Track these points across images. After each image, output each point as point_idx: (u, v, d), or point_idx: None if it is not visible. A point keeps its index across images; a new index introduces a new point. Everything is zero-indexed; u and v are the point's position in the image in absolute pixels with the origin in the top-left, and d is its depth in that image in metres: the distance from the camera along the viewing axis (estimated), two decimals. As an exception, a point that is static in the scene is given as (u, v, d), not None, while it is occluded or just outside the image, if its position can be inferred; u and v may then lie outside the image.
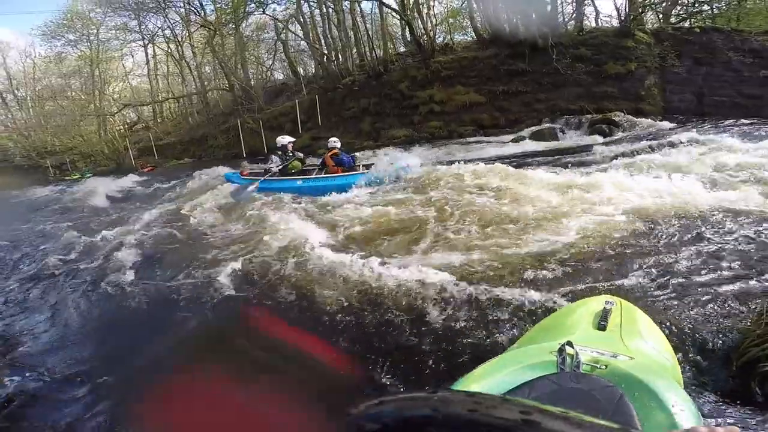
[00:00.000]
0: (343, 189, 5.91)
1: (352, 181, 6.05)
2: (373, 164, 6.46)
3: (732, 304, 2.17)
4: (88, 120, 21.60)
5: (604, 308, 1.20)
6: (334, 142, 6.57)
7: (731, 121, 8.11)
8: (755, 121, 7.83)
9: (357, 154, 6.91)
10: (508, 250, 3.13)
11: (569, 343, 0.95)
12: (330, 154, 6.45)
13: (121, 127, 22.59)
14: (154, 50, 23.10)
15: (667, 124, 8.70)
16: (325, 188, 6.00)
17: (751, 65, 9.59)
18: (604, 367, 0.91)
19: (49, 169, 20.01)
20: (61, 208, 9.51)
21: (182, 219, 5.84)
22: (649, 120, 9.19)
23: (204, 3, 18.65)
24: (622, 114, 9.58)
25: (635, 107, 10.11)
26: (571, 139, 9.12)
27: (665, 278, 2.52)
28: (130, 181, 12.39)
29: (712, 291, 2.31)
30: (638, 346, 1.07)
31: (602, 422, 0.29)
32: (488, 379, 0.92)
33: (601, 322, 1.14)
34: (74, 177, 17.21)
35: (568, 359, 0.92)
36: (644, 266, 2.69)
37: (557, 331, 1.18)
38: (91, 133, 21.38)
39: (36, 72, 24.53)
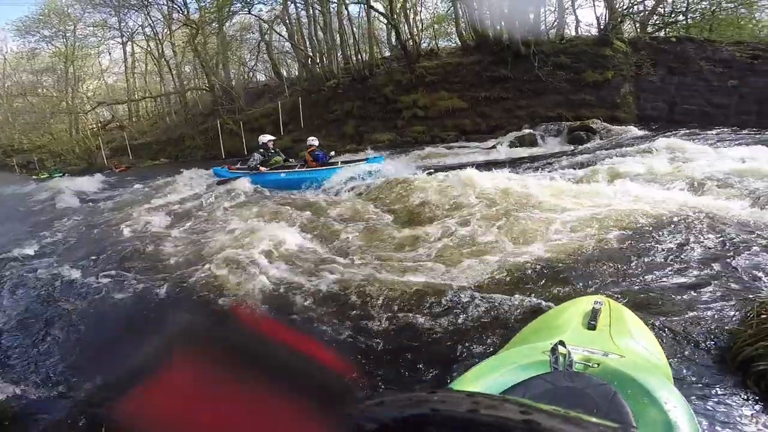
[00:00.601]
0: (320, 181, 6.53)
1: (329, 174, 6.62)
2: (349, 162, 7.12)
3: (717, 306, 2.17)
4: (59, 118, 20.73)
5: (593, 308, 1.20)
6: (312, 140, 7.29)
7: (699, 129, 8.38)
8: (722, 129, 8.11)
9: (332, 153, 7.53)
10: (495, 255, 3.14)
11: (561, 343, 0.95)
12: (309, 150, 7.15)
13: (94, 125, 21.77)
14: (132, 48, 22.48)
15: (641, 132, 8.92)
16: (305, 180, 6.65)
17: (720, 75, 9.97)
18: (596, 365, 0.91)
19: (15, 168, 19.07)
20: (28, 208, 9.00)
21: (160, 218, 5.66)
22: (624, 127, 9.41)
23: (188, 1, 18.28)
24: (599, 121, 9.78)
25: (611, 115, 10.35)
26: (550, 145, 9.25)
27: (650, 281, 2.53)
28: (101, 181, 11.89)
29: (697, 293, 2.32)
30: (628, 345, 1.08)
31: (601, 422, 0.29)
32: (483, 380, 0.92)
33: (591, 321, 1.15)
34: (42, 176, 16.40)
35: (561, 358, 0.92)
36: (628, 270, 2.70)
37: (548, 331, 1.19)
38: (61, 132, 20.53)
39: (6, 68, 23.50)
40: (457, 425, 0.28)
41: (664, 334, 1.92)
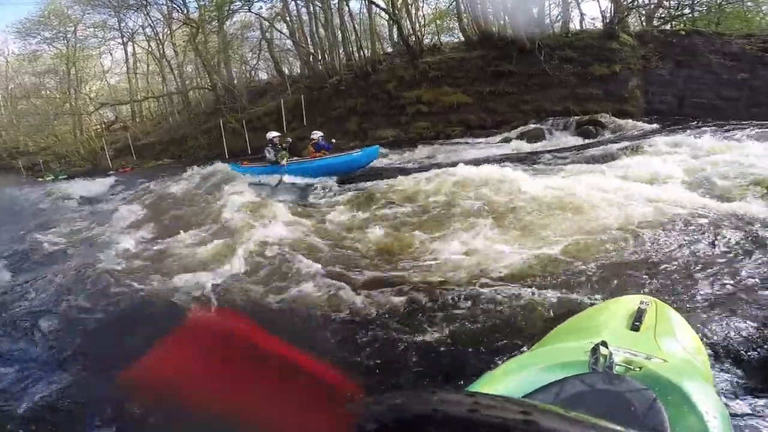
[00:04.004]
0: (319, 170, 7.10)
1: (327, 163, 7.18)
2: (344, 152, 7.79)
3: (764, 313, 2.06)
4: (63, 119, 20.83)
5: (639, 308, 1.14)
6: (314, 134, 7.92)
7: (711, 123, 8.22)
8: (735, 123, 7.95)
9: (333, 141, 8.19)
10: (517, 252, 3.02)
11: (604, 343, 0.90)
12: (311, 143, 7.76)
13: (98, 126, 21.85)
14: (134, 48, 22.47)
15: (651, 126, 8.79)
16: (306, 169, 7.18)
17: (730, 68, 9.81)
18: (638, 369, 0.87)
19: (21, 170, 19.18)
20: (33, 210, 9.05)
21: (160, 220, 5.60)
22: (633, 121, 9.27)
23: (187, 0, 18.21)
24: (608, 115, 9.66)
25: (619, 108, 10.22)
26: (559, 139, 9.13)
27: (692, 283, 2.39)
28: (105, 182, 11.90)
29: (744, 298, 2.19)
30: (672, 349, 1.03)
31: (604, 423, 0.29)
32: (514, 377, 0.89)
33: (635, 322, 1.09)
34: (47, 178, 16.51)
35: (601, 359, 0.87)
36: (668, 270, 2.56)
37: (587, 330, 1.14)
38: (65, 133, 20.63)
39: (9, 70, 23.57)
40: (458, 425, 0.28)
41: (709, 340, 1.84)
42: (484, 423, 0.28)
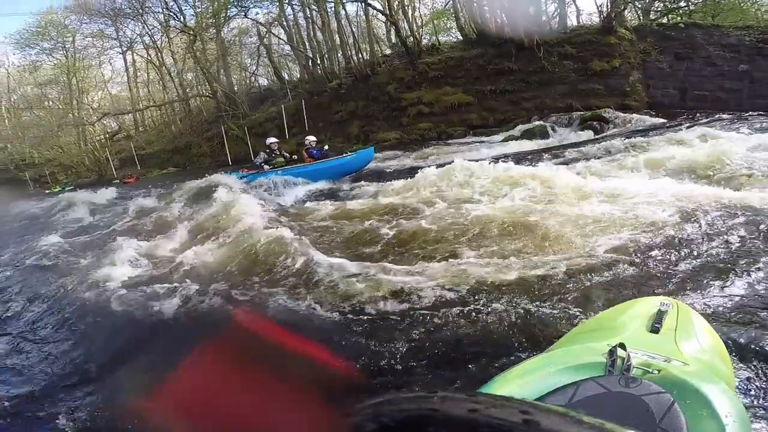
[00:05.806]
0: (315, 175, 7.28)
1: (322, 167, 7.36)
2: (340, 155, 7.85)
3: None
4: (67, 130, 20.91)
5: (659, 310, 1.12)
6: (306, 138, 8.17)
7: (715, 115, 8.20)
8: (739, 114, 7.93)
9: (326, 147, 8.22)
10: (542, 250, 3.00)
11: (622, 345, 0.89)
12: (305, 148, 7.97)
13: (102, 136, 21.97)
14: (133, 57, 22.58)
15: (656, 120, 8.75)
16: (301, 174, 7.33)
17: (730, 60, 9.80)
18: (656, 371, 0.85)
19: (28, 182, 19.33)
20: (41, 223, 9.12)
21: (164, 226, 5.64)
22: (637, 115, 9.26)
23: (183, 8, 18.29)
24: (611, 110, 9.66)
25: (621, 103, 10.23)
26: (563, 136, 9.10)
27: (714, 284, 2.34)
28: (110, 193, 11.93)
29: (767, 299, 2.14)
30: (693, 352, 1.01)
31: (607, 424, 0.28)
32: (528, 379, 0.88)
33: (655, 324, 1.08)
34: (54, 190, 16.61)
35: (618, 362, 0.86)
36: (691, 270, 2.50)
37: (605, 332, 1.13)
38: (70, 144, 20.72)
39: (10, 82, 23.74)
40: (458, 425, 0.28)
41: (732, 343, 1.78)
42: (484, 423, 0.28)
